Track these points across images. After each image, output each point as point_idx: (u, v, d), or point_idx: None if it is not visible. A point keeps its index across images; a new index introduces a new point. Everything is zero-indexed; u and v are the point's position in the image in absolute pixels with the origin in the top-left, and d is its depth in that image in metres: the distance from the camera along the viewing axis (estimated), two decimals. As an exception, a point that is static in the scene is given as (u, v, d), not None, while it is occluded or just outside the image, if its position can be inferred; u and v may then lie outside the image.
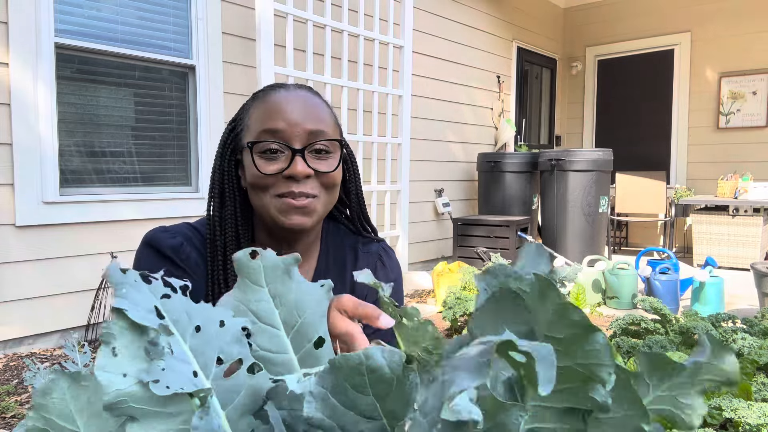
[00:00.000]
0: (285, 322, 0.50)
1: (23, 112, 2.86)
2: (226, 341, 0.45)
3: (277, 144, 0.89)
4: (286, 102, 0.91)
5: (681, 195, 5.99)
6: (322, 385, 0.40)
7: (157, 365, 0.40)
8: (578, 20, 7.55)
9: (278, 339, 0.50)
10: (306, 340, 0.50)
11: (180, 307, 0.44)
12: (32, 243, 2.93)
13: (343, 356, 0.39)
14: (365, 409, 0.40)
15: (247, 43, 3.76)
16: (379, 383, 0.39)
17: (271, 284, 0.51)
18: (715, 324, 2.57)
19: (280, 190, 0.89)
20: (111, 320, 0.40)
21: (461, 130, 5.84)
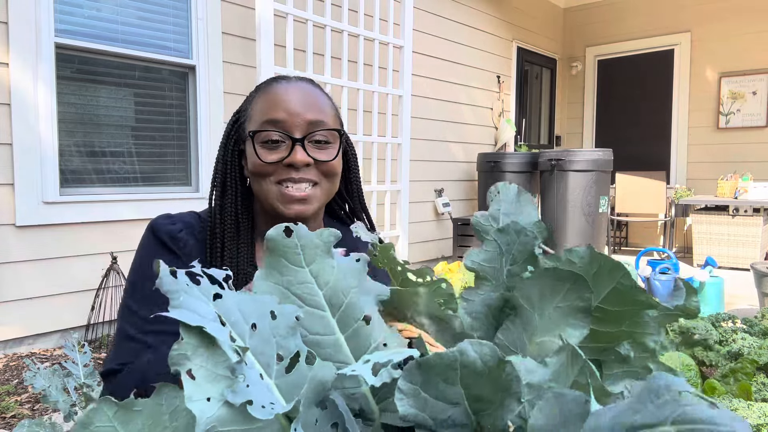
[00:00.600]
0: (330, 303, 0.48)
1: (23, 112, 2.86)
2: (281, 335, 0.44)
3: (278, 134, 0.91)
4: (287, 93, 0.94)
5: (681, 195, 5.99)
6: (411, 381, 0.40)
7: (241, 383, 0.38)
8: (578, 20, 7.54)
9: (325, 321, 0.48)
10: (353, 320, 0.48)
11: (232, 305, 0.42)
12: (32, 243, 2.93)
13: (437, 355, 0.39)
14: (452, 397, 0.40)
15: (247, 43, 3.76)
16: (470, 376, 0.39)
17: (311, 264, 0.48)
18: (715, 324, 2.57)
19: (281, 176, 0.91)
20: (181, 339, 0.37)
21: (461, 130, 5.84)
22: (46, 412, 2.30)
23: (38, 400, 2.41)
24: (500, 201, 0.60)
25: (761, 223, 5.32)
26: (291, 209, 0.92)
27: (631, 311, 0.46)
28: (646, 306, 0.46)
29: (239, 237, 0.96)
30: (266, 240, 0.46)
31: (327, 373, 0.45)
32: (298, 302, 0.47)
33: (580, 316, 0.45)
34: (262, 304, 0.44)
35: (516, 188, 0.60)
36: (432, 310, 0.54)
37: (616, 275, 0.45)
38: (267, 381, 0.42)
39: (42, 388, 1.50)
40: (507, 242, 0.54)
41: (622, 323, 0.47)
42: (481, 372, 0.39)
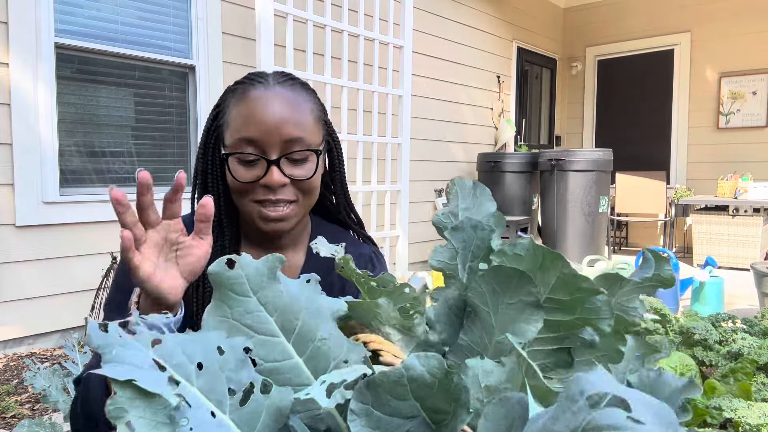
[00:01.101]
0: (283, 328, 0.48)
1: (23, 112, 2.86)
2: (231, 369, 0.43)
3: (253, 155, 0.88)
4: (263, 106, 0.89)
5: (681, 195, 5.99)
6: (362, 401, 0.40)
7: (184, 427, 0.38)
8: (578, 20, 7.54)
9: (280, 347, 0.47)
10: (309, 341, 0.48)
11: (175, 347, 0.41)
12: (32, 243, 2.93)
13: (382, 373, 0.39)
14: (406, 411, 0.40)
15: (247, 43, 3.76)
16: (420, 389, 0.39)
17: (258, 292, 0.47)
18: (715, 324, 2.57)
19: (258, 197, 0.90)
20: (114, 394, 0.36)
21: (461, 130, 5.84)
22: (46, 412, 2.30)
23: (38, 400, 2.41)
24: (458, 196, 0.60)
25: (761, 223, 5.32)
26: (269, 226, 0.91)
27: (580, 299, 0.47)
28: (592, 292, 0.46)
29: (223, 240, 0.95)
30: (210, 275, 0.46)
31: (285, 399, 0.44)
32: (249, 332, 0.47)
33: (530, 310, 0.45)
34: (207, 341, 0.43)
35: (471, 182, 0.60)
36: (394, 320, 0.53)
37: (557, 265, 0.46)
38: (221, 417, 0.41)
39: (42, 388, 1.50)
40: (463, 239, 0.54)
41: (575, 311, 0.47)
42: (431, 384, 0.39)
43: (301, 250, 1.03)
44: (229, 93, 0.95)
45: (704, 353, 1.39)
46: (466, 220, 0.54)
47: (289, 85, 0.93)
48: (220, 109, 0.95)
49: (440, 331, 0.52)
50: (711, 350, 1.40)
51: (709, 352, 1.39)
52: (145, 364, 0.39)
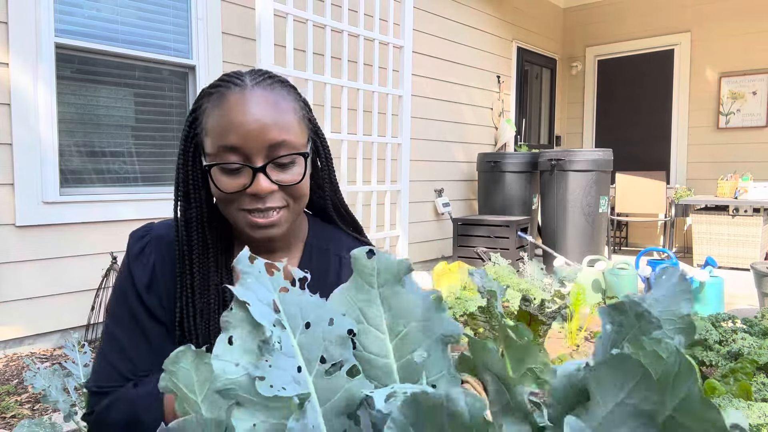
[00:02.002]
0: (390, 328, 0.50)
1: (23, 112, 2.86)
2: (331, 341, 0.46)
3: (236, 164, 0.84)
4: (243, 111, 0.83)
5: (681, 195, 5.99)
6: (404, 415, 0.40)
7: (265, 362, 0.42)
8: (578, 20, 7.55)
9: (382, 343, 0.49)
10: (408, 350, 0.50)
11: (295, 301, 0.46)
12: (32, 243, 2.93)
13: (425, 393, 0.39)
14: None
15: (247, 43, 3.76)
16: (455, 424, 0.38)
17: (382, 287, 0.51)
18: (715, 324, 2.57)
19: (246, 206, 0.85)
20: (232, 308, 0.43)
21: (461, 130, 5.84)
22: (46, 412, 2.30)
23: (38, 400, 2.41)
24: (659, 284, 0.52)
25: (761, 223, 5.32)
26: (259, 233, 0.87)
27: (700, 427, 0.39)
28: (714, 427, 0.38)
29: (208, 252, 0.92)
30: (352, 256, 0.50)
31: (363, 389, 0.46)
32: (360, 318, 0.50)
33: (643, 420, 0.39)
34: (323, 309, 0.47)
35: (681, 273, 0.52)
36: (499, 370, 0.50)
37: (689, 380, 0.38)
38: (305, 375, 0.45)
39: (42, 388, 1.50)
40: (620, 323, 0.47)
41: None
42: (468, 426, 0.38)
43: (296, 252, 1.00)
44: (205, 97, 0.89)
45: (704, 353, 1.39)
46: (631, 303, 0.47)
47: (268, 84, 0.87)
48: (196, 114, 0.90)
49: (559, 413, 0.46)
50: (711, 350, 1.40)
51: (709, 352, 1.40)
52: (265, 300, 0.45)
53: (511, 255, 4.74)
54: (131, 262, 0.92)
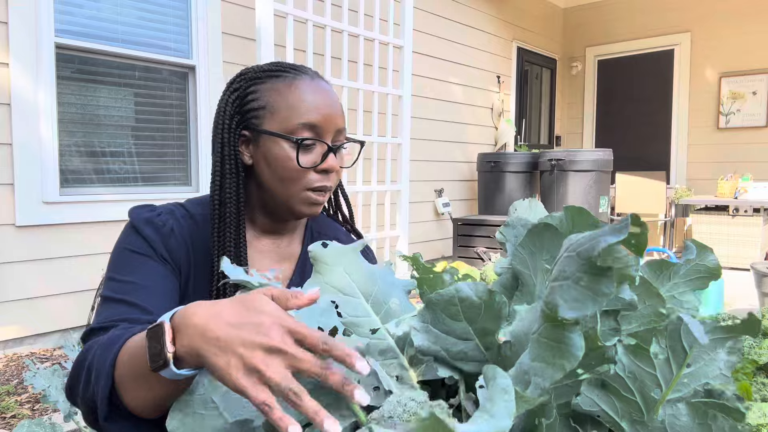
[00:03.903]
0: (363, 292, 0.60)
1: (23, 112, 2.86)
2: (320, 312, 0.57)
3: (315, 139, 0.90)
4: (321, 94, 0.92)
5: (681, 195, 5.99)
6: (423, 320, 0.50)
7: None
8: (578, 20, 7.54)
9: (361, 306, 0.59)
10: (383, 303, 0.60)
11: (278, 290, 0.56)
12: (32, 243, 2.93)
13: (437, 293, 0.49)
14: (460, 333, 0.50)
15: (247, 43, 3.75)
16: (469, 309, 0.49)
17: (344, 264, 0.61)
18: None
19: (314, 183, 0.91)
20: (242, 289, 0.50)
21: (461, 130, 5.84)
22: (46, 412, 2.30)
23: (38, 400, 2.41)
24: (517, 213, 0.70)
25: (761, 223, 5.32)
26: (310, 209, 0.93)
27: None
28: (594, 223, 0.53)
29: (239, 230, 0.94)
30: (310, 252, 0.59)
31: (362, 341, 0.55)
32: (337, 293, 0.59)
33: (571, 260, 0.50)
34: None
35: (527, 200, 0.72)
36: None
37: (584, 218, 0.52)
38: None
39: (42, 388, 1.50)
40: (514, 235, 0.63)
41: None
42: (478, 305, 0.48)
43: (297, 239, 1.04)
44: (258, 80, 0.93)
45: (704, 353, 1.39)
46: (516, 219, 0.63)
47: (324, 79, 0.97)
48: (247, 89, 0.93)
49: None
50: (711, 350, 1.40)
51: (709, 352, 1.39)
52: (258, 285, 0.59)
53: (511, 255, 4.73)
54: (141, 228, 0.90)
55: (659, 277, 0.57)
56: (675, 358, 0.47)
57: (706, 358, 0.47)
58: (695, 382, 0.47)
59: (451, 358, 0.49)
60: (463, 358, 0.49)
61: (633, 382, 0.47)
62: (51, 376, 1.55)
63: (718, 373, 0.47)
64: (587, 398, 0.48)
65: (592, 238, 0.41)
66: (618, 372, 0.47)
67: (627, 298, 0.47)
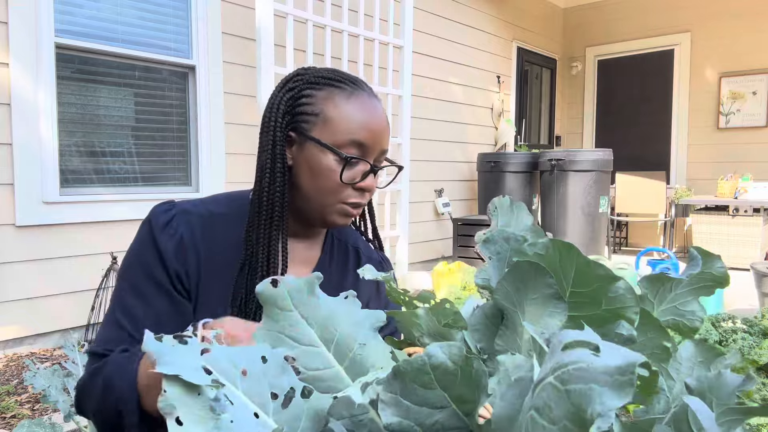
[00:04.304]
0: (323, 339, 0.52)
1: (23, 112, 2.86)
2: (273, 375, 0.47)
3: (360, 159, 0.91)
4: (374, 114, 0.92)
5: (681, 195, 5.99)
6: (391, 391, 0.42)
7: (225, 421, 0.41)
8: (578, 20, 7.55)
9: (321, 356, 0.51)
10: (348, 350, 0.52)
11: (221, 356, 0.45)
12: (32, 243, 2.93)
13: (405, 361, 0.41)
14: (435, 401, 0.42)
15: (247, 43, 3.76)
16: (444, 377, 0.41)
17: (299, 307, 0.52)
18: (715, 324, 2.57)
19: (350, 199, 0.92)
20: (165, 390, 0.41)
21: (461, 130, 5.84)
22: (46, 412, 2.30)
23: (38, 400, 2.41)
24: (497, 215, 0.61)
25: (761, 223, 5.32)
26: (342, 220, 0.94)
27: (601, 288, 0.46)
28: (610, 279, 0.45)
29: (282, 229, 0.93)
30: (257, 293, 0.51)
31: (323, 403, 0.48)
32: (293, 343, 0.51)
33: (553, 303, 0.45)
34: (251, 351, 0.47)
35: (509, 199, 0.62)
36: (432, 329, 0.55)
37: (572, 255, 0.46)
38: (264, 418, 0.44)
39: (42, 388, 1.50)
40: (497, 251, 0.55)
41: (600, 303, 0.46)
42: (454, 371, 0.41)
43: (318, 244, 1.04)
44: (321, 86, 0.92)
45: (704, 353, 1.39)
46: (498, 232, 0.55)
47: (378, 98, 0.97)
48: (302, 94, 0.92)
49: (478, 340, 0.53)
50: (711, 350, 1.40)
51: (709, 352, 1.39)
52: (193, 367, 0.43)
53: (511, 255, 4.73)
54: (157, 233, 0.90)
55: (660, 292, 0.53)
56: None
57: None
58: None
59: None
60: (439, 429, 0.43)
61: None
62: (51, 376, 1.55)
63: None
64: None
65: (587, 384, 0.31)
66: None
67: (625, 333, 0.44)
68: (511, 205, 0.62)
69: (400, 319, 0.56)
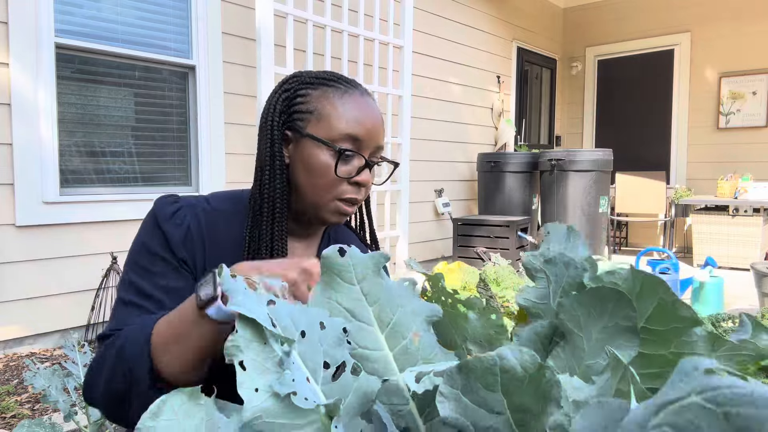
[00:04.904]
0: (379, 319, 0.51)
1: (23, 112, 2.86)
2: (329, 344, 0.46)
3: (355, 152, 0.92)
4: (368, 110, 0.94)
5: (681, 195, 5.99)
6: (452, 385, 0.41)
7: (288, 376, 0.41)
8: (578, 20, 7.54)
9: (373, 336, 0.50)
10: (401, 337, 0.51)
11: (284, 312, 0.45)
12: (32, 243, 2.93)
13: (476, 358, 0.40)
14: (492, 404, 0.40)
15: (247, 43, 3.76)
16: (510, 382, 0.39)
17: (362, 282, 0.51)
18: (715, 324, 2.57)
19: (346, 195, 0.93)
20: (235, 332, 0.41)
21: (461, 130, 5.84)
22: (46, 412, 2.30)
23: (38, 400, 2.41)
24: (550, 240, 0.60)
25: (761, 223, 5.32)
26: (337, 219, 0.95)
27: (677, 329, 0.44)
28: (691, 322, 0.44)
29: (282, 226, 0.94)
30: (322, 259, 0.50)
31: (372, 385, 0.46)
32: (348, 317, 0.50)
33: (627, 336, 0.43)
34: (312, 314, 0.47)
35: (566, 227, 0.61)
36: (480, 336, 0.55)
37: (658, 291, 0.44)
38: (313, 385, 0.44)
39: (42, 388, 1.50)
40: (555, 273, 0.54)
41: (670, 344, 0.45)
42: (521, 378, 0.39)
43: (314, 244, 1.05)
44: (316, 85, 0.94)
45: (704, 353, 1.38)
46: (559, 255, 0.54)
47: (372, 98, 0.99)
48: (297, 94, 0.94)
49: None
50: (711, 350, 1.40)
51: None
52: (263, 316, 0.43)
53: (511, 255, 4.74)
54: (162, 222, 0.90)
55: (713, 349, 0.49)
56: None
57: None
58: None
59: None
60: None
61: None
62: (51, 376, 1.55)
63: None
64: None
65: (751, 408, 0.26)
66: None
67: None
68: (568, 232, 0.61)
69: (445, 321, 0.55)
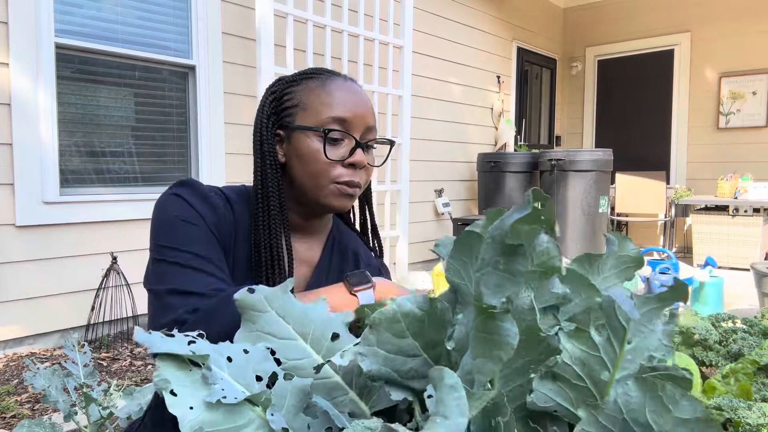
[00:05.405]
0: (300, 333, 0.56)
1: (23, 112, 2.86)
2: (257, 361, 0.51)
3: (344, 133, 0.93)
4: (352, 93, 0.95)
5: (681, 195, 5.99)
6: (368, 343, 0.48)
7: (216, 388, 0.46)
8: (578, 20, 7.54)
9: (299, 347, 0.56)
10: (323, 340, 0.57)
11: (206, 347, 0.50)
12: (32, 243, 2.93)
13: (379, 312, 0.47)
14: (408, 350, 0.48)
15: (247, 43, 3.75)
16: (413, 324, 0.47)
17: (274, 306, 0.57)
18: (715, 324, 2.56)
19: (342, 178, 0.93)
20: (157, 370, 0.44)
21: (461, 130, 5.84)
22: (46, 412, 2.30)
23: (38, 400, 2.41)
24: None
25: (761, 223, 5.32)
26: (339, 202, 0.94)
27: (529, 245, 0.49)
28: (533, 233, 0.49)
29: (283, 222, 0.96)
30: (236, 301, 0.54)
31: (306, 383, 0.52)
32: (272, 338, 0.55)
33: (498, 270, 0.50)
34: (235, 346, 0.52)
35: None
36: None
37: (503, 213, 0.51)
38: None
39: (42, 388, 1.50)
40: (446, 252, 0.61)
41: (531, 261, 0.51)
42: (421, 318, 0.46)
43: (318, 245, 1.05)
44: (295, 83, 0.97)
45: (704, 353, 1.39)
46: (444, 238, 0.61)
47: (357, 83, 1.00)
48: (280, 95, 0.97)
49: None
50: (711, 350, 1.40)
51: (709, 352, 1.39)
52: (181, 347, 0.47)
53: (511, 255, 4.73)
54: (194, 200, 0.89)
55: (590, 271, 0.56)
56: (615, 336, 0.48)
57: (645, 330, 0.48)
58: (639, 357, 0.47)
59: (402, 378, 0.48)
60: (414, 377, 0.48)
61: (581, 368, 0.48)
62: (51, 376, 1.55)
63: (658, 344, 0.48)
64: (541, 394, 0.48)
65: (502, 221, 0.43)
66: (565, 361, 0.48)
67: (560, 291, 0.47)
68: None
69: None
